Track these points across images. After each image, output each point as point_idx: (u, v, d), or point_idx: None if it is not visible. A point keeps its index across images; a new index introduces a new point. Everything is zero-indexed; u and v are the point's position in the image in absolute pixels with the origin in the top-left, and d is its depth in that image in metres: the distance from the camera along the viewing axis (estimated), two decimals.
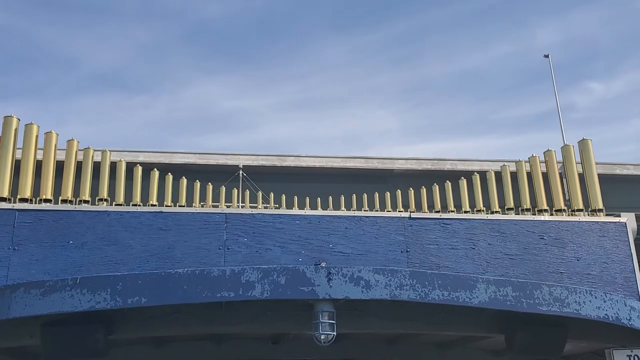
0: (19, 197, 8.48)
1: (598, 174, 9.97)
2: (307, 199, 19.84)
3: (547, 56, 32.21)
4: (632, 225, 9.72)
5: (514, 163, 10.96)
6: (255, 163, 27.17)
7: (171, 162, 25.84)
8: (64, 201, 8.78)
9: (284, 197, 20.36)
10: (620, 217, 9.90)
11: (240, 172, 23.54)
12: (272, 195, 20.81)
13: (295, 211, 9.84)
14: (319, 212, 9.62)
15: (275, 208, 18.92)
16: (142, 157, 25.11)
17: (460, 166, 27.80)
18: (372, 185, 26.24)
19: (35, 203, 8.53)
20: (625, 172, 28.51)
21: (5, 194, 8.41)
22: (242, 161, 26.58)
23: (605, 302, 7.87)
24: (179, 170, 25.12)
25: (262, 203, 20.39)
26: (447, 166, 28.22)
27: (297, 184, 26.38)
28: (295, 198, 19.81)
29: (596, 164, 9.75)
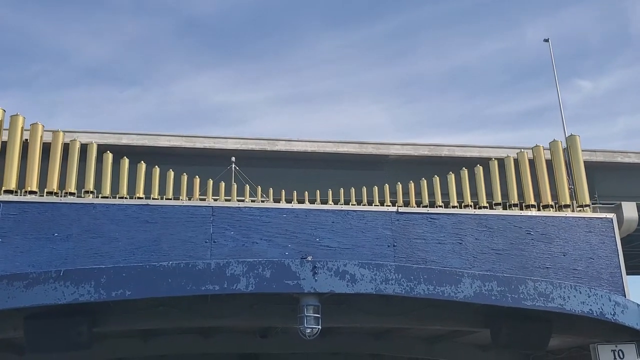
0: (3, 188, 8.42)
1: (599, 162, 9.95)
2: (295, 193, 19.56)
3: (547, 40, 30.90)
4: (632, 214, 9.73)
5: (504, 158, 10.95)
6: (244, 147, 25.75)
7: (156, 145, 24.57)
8: (50, 193, 8.72)
9: (271, 190, 20.09)
10: (615, 211, 9.92)
11: (233, 165, 23.31)
12: (259, 189, 20.57)
13: (282, 205, 9.83)
14: (306, 205, 9.61)
15: (262, 201, 18.81)
16: (125, 140, 23.91)
17: (458, 152, 26.59)
18: (366, 172, 24.82)
19: (20, 195, 8.47)
20: (627, 160, 27.03)
21: None
22: (230, 144, 25.26)
23: (589, 297, 7.89)
24: (164, 154, 23.78)
25: (251, 197, 20.23)
26: (444, 152, 26.83)
27: (288, 169, 25.23)
28: (283, 192, 19.56)
29: (597, 151, 9.68)
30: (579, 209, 9.81)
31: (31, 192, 8.56)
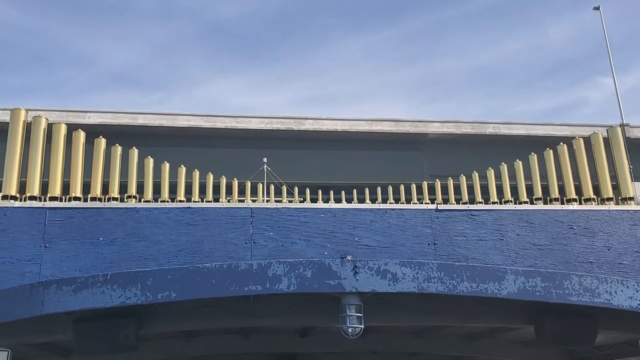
0: (49, 195, 8.63)
1: None
2: (332, 192, 19.26)
3: (597, 8, 26.79)
4: None
5: (544, 152, 10.78)
6: (269, 127, 23.92)
7: (174, 126, 23.61)
8: (93, 199, 8.90)
9: (308, 191, 19.80)
10: None
11: (265, 166, 23.39)
12: (296, 190, 20.40)
13: (320, 205, 9.85)
14: (344, 205, 9.60)
15: (300, 202, 18.86)
16: (141, 120, 23.22)
17: (504, 130, 24.46)
18: (403, 152, 23.20)
19: (65, 201, 8.67)
20: None
21: (36, 193, 8.57)
22: (254, 124, 23.71)
23: (637, 291, 7.70)
24: (183, 136, 22.90)
25: (288, 197, 20.25)
26: (489, 130, 24.59)
27: (317, 151, 23.58)
28: (320, 192, 19.37)
29: None
30: (622, 201, 9.60)
31: (75, 198, 8.75)
